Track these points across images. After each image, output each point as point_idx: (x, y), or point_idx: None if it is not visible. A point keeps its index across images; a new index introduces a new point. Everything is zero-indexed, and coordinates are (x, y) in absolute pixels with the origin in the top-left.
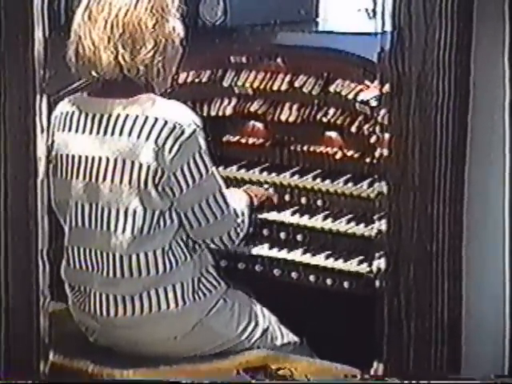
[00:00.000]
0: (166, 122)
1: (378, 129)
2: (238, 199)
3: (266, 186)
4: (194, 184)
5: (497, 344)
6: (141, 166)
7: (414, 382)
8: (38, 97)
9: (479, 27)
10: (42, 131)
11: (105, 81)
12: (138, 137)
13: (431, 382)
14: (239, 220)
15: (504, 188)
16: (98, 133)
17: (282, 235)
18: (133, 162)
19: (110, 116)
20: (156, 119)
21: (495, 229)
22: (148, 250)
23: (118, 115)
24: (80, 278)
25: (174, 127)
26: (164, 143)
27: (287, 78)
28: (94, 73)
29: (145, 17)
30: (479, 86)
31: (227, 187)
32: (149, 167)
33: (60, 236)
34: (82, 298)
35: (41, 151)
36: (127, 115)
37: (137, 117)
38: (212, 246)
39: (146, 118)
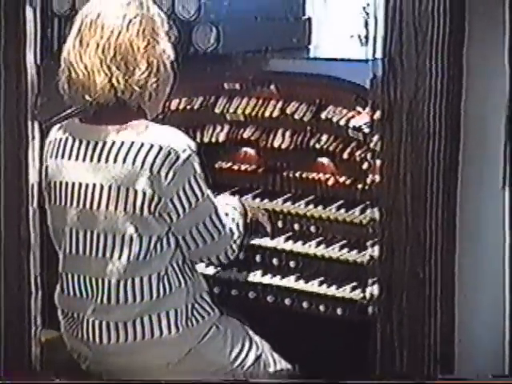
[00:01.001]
0: (160, 148)
1: (369, 155)
2: (232, 208)
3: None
4: (190, 208)
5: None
6: (136, 192)
7: None
8: (30, 124)
9: (470, 56)
10: (34, 158)
11: (97, 107)
12: (133, 163)
13: None
14: (235, 237)
15: (497, 213)
16: (91, 160)
17: (275, 261)
18: (128, 189)
19: (104, 143)
20: (151, 145)
21: (488, 255)
22: (143, 275)
23: (113, 142)
24: (74, 304)
25: (169, 153)
26: (159, 170)
27: (279, 105)
28: (87, 97)
29: (136, 39)
30: (470, 113)
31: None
32: (144, 194)
33: (52, 263)
34: (75, 325)
35: (33, 178)
36: (122, 142)
37: (132, 143)
38: (206, 261)
39: (141, 144)
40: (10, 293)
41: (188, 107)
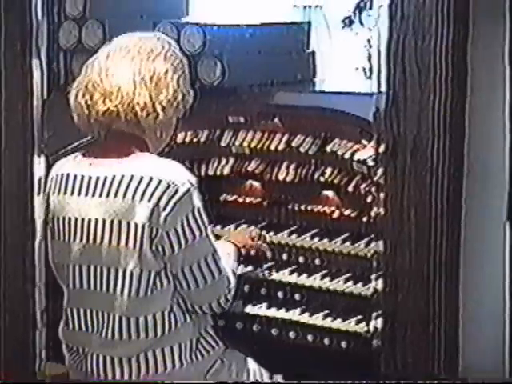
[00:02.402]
0: (160, 181)
1: (374, 188)
2: (226, 256)
3: (255, 233)
4: (186, 244)
5: None
6: (136, 226)
7: None
8: (36, 158)
9: (474, 93)
10: (39, 192)
11: (101, 141)
12: (133, 197)
13: None
14: (231, 286)
15: (501, 247)
16: (93, 194)
17: (280, 294)
18: (128, 223)
19: (105, 177)
20: (151, 178)
21: (492, 289)
22: (148, 314)
23: (114, 176)
24: (78, 339)
25: (169, 186)
26: (158, 202)
27: (284, 138)
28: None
29: (165, 73)
30: (473, 147)
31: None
32: (144, 227)
33: (57, 297)
34: (79, 360)
35: (38, 213)
36: (122, 175)
37: (132, 177)
38: (199, 310)
39: (141, 177)
40: (15, 327)
41: (194, 140)
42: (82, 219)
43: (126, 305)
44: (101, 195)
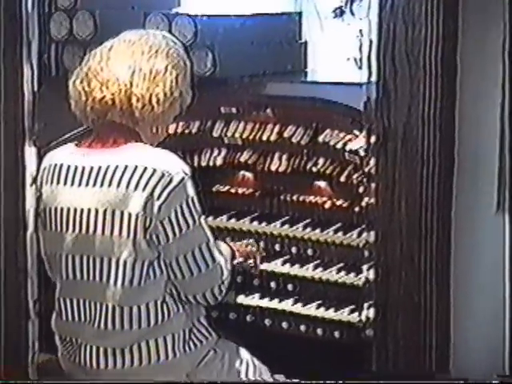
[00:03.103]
0: (154, 171)
1: (366, 178)
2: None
3: (250, 241)
4: (180, 234)
5: None
6: (130, 215)
7: None
8: (27, 149)
9: (463, 82)
10: (32, 184)
11: (95, 131)
12: (127, 187)
13: None
14: (224, 277)
15: (491, 237)
16: (87, 184)
17: (273, 285)
18: (122, 213)
19: (99, 167)
20: (145, 168)
21: (483, 278)
22: (141, 303)
23: (108, 166)
24: (71, 329)
25: (163, 175)
26: (152, 191)
27: (276, 129)
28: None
29: (165, 68)
30: (464, 138)
31: (216, 238)
32: (137, 216)
33: (49, 288)
34: (72, 350)
35: (29, 204)
36: (116, 165)
37: (126, 167)
38: (193, 301)
39: (135, 167)
40: (8, 318)
41: (185, 131)
42: (75, 209)
43: (119, 295)
44: (94, 185)
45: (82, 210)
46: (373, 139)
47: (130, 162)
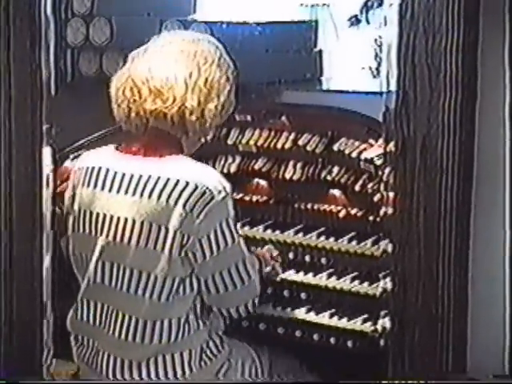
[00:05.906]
0: (196, 187)
1: (382, 187)
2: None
3: (270, 247)
4: (218, 252)
5: None
6: (167, 231)
7: None
8: (44, 153)
9: (483, 93)
10: (48, 187)
11: (138, 136)
12: (167, 201)
13: None
14: (258, 292)
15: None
16: (126, 192)
17: (286, 293)
18: (159, 227)
19: (140, 176)
20: (187, 183)
21: (501, 290)
22: (164, 319)
23: (149, 176)
24: (87, 330)
25: (204, 192)
26: (192, 208)
27: (291, 137)
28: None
29: (219, 77)
30: (483, 149)
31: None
32: (175, 233)
33: (63, 292)
34: (88, 353)
35: (45, 208)
36: (158, 177)
37: (167, 180)
38: (226, 313)
39: (177, 181)
40: (22, 318)
41: None
42: (111, 216)
43: (146, 308)
44: (134, 194)
45: (118, 218)
46: (391, 147)
47: (172, 175)
